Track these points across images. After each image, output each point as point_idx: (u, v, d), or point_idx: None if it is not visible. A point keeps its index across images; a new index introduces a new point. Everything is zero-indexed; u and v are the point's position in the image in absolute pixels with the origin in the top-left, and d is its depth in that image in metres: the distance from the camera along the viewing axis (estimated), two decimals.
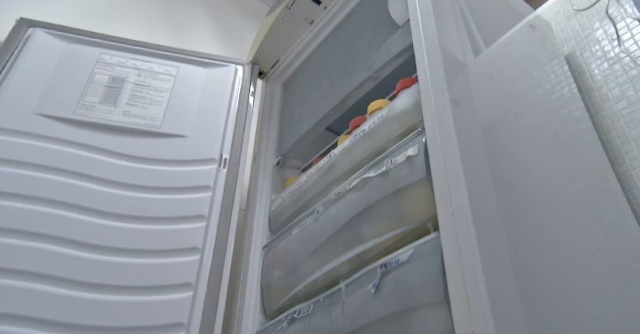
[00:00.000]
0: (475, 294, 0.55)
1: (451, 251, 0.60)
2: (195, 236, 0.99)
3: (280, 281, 0.94)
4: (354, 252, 0.77)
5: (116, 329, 0.85)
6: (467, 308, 0.54)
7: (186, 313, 0.89)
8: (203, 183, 1.07)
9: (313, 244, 0.88)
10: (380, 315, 0.66)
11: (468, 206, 0.62)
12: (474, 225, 0.60)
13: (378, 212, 0.77)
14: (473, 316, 0.53)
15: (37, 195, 0.92)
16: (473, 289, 0.55)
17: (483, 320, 0.53)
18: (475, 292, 0.55)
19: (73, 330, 0.82)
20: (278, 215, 1.08)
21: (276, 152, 1.24)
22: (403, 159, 0.76)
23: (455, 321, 0.55)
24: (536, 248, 0.73)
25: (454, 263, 0.59)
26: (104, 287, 0.88)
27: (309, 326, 0.79)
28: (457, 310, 0.55)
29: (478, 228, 0.60)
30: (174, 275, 0.93)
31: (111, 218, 0.96)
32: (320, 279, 0.83)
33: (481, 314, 0.53)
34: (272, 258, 1.01)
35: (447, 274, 0.59)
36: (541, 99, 0.86)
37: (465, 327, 0.53)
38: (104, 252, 0.92)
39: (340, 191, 0.87)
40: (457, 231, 0.60)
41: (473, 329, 0.53)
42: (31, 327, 0.80)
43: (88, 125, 1.06)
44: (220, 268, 0.98)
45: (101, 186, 0.99)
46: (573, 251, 0.70)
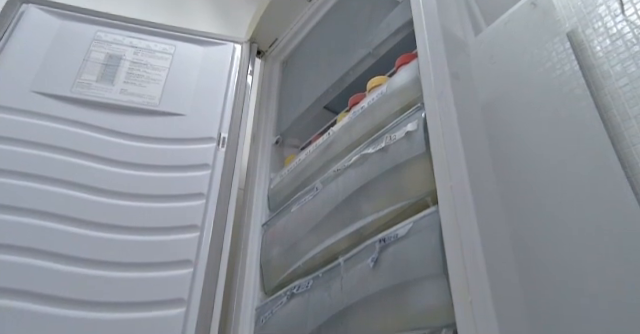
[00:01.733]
0: (473, 266, 0.55)
1: (450, 225, 0.60)
2: (194, 214, 1.00)
3: (279, 258, 0.95)
4: (353, 228, 0.78)
5: (116, 304, 0.85)
6: (465, 279, 0.55)
7: (186, 289, 0.90)
8: (202, 161, 1.07)
9: (312, 221, 0.88)
10: (379, 289, 0.67)
11: (467, 180, 0.62)
12: (473, 199, 0.60)
13: (377, 188, 0.77)
14: (471, 287, 0.54)
15: (34, 172, 0.92)
16: (471, 261, 0.56)
17: (481, 291, 0.53)
18: (473, 264, 0.55)
19: (74, 305, 0.82)
20: (277, 193, 1.08)
21: (275, 131, 1.23)
22: (402, 135, 0.76)
23: (453, 292, 0.55)
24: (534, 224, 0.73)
25: (453, 236, 0.59)
26: (104, 263, 0.89)
27: (308, 301, 0.80)
28: (455, 281, 0.56)
29: (477, 202, 0.61)
30: (174, 252, 0.94)
31: (110, 196, 0.96)
32: (319, 255, 0.84)
33: (479, 285, 0.54)
34: (271, 235, 1.01)
35: (446, 247, 0.59)
36: (542, 77, 0.85)
37: (463, 298, 0.54)
38: (103, 229, 0.92)
39: (339, 168, 0.87)
40: (456, 205, 0.61)
41: (471, 299, 0.53)
42: (30, 301, 0.80)
43: (85, 103, 1.05)
44: (220, 245, 0.98)
45: (99, 164, 0.99)
46: (571, 227, 0.70)
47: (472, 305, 0.53)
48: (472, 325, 0.52)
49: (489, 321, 0.52)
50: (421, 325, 0.60)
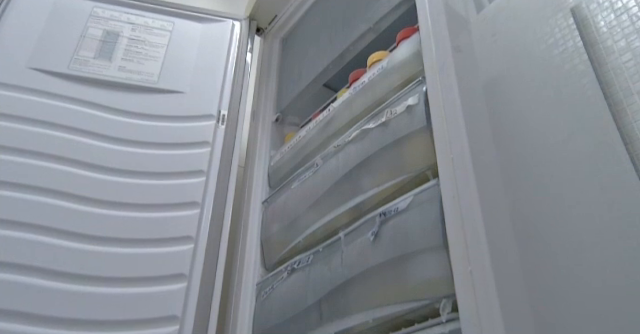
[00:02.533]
0: (473, 237, 0.55)
1: (450, 197, 0.60)
2: (195, 191, 1.00)
3: (280, 234, 0.95)
4: (353, 202, 0.78)
5: (118, 279, 0.86)
6: (465, 250, 0.55)
7: (187, 264, 0.90)
8: (201, 139, 1.07)
9: (312, 197, 0.88)
10: (379, 261, 0.67)
11: (468, 153, 0.61)
12: (474, 171, 0.60)
13: (377, 162, 0.77)
14: (471, 257, 0.54)
15: (32, 149, 0.91)
16: (471, 232, 0.56)
17: (480, 261, 0.53)
18: (473, 235, 0.55)
19: (75, 280, 0.83)
20: (277, 170, 1.08)
21: (275, 109, 1.22)
22: (403, 109, 0.75)
23: (453, 262, 0.55)
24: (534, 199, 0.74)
25: (453, 208, 0.59)
26: (105, 239, 0.89)
27: (309, 275, 0.80)
28: (455, 252, 0.56)
29: (478, 175, 0.60)
30: (174, 229, 0.94)
31: (109, 173, 0.96)
32: (319, 230, 0.84)
33: (479, 256, 0.54)
34: (272, 212, 1.01)
35: (446, 219, 0.59)
36: (544, 54, 0.84)
37: (463, 267, 0.54)
38: (104, 206, 0.92)
39: (339, 144, 0.87)
40: (456, 177, 0.60)
41: (471, 269, 0.53)
42: (32, 276, 0.80)
43: (83, 80, 1.04)
44: (220, 222, 0.99)
45: (98, 141, 0.99)
46: (570, 202, 0.70)
47: (472, 275, 0.53)
48: (471, 295, 0.52)
49: (488, 291, 0.52)
50: (421, 296, 0.60)
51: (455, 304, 0.56)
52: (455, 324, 0.54)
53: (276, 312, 0.84)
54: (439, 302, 0.58)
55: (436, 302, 0.58)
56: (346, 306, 0.70)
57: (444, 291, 0.58)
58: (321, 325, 0.73)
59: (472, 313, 0.51)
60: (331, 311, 0.72)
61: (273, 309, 0.85)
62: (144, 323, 0.83)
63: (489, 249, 0.54)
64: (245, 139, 1.21)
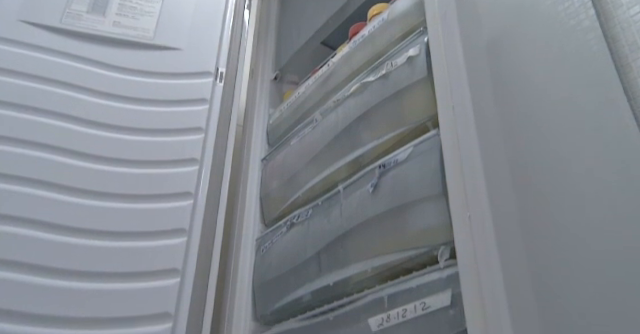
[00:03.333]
0: (472, 184, 0.55)
1: (450, 145, 0.60)
2: (193, 148, 0.99)
3: (279, 190, 0.95)
4: (352, 156, 0.77)
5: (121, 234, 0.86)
6: (464, 196, 0.55)
7: (187, 220, 0.90)
8: (199, 96, 1.05)
9: (311, 152, 0.88)
10: (378, 212, 0.67)
11: (469, 101, 0.61)
12: (474, 120, 0.59)
13: (377, 115, 0.76)
14: (470, 203, 0.54)
15: (24, 103, 0.90)
16: (471, 180, 0.56)
17: (479, 207, 0.53)
18: (472, 182, 0.55)
19: (75, 233, 0.83)
20: (276, 128, 1.07)
21: (273, 67, 1.21)
22: (404, 60, 0.74)
23: (452, 208, 0.56)
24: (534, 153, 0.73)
25: (453, 156, 0.59)
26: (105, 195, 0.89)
27: (308, 229, 0.81)
28: (454, 198, 0.56)
29: (478, 124, 0.60)
30: (174, 184, 0.94)
31: (104, 129, 0.95)
32: (318, 185, 0.84)
33: (478, 202, 0.54)
34: (271, 169, 1.01)
35: (446, 167, 0.59)
36: (549, 10, 0.82)
37: (461, 213, 0.54)
38: (100, 162, 0.91)
39: (339, 98, 0.86)
40: (457, 126, 0.60)
41: (469, 215, 0.53)
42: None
43: (76, 35, 1.02)
44: (219, 179, 0.98)
45: (93, 97, 0.97)
46: (571, 158, 0.70)
47: (470, 220, 0.53)
48: (469, 240, 0.53)
49: (486, 236, 0.52)
50: (419, 244, 0.61)
51: (453, 251, 0.56)
52: (453, 269, 0.55)
53: (275, 265, 0.85)
54: (437, 249, 0.58)
55: (434, 249, 0.59)
56: (345, 257, 0.71)
57: (442, 238, 0.58)
58: (320, 276, 0.74)
59: (470, 258, 0.52)
60: (330, 262, 0.73)
61: (272, 262, 0.86)
62: (146, 276, 0.84)
63: (488, 195, 0.54)
64: (244, 98, 1.20)
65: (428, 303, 0.56)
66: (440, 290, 0.55)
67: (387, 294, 0.62)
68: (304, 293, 0.76)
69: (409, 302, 0.58)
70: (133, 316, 0.80)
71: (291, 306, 0.79)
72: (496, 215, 0.53)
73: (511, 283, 0.50)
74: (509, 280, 0.50)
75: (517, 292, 0.50)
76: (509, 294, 0.49)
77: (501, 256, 0.51)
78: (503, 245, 0.52)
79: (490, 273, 0.50)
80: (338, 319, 0.68)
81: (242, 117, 1.18)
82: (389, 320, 0.60)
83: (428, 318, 0.55)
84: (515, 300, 0.49)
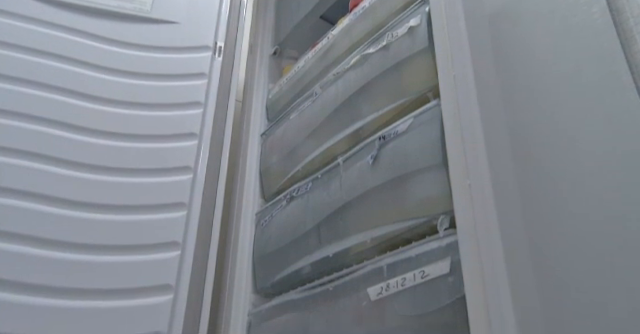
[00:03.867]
0: (473, 153, 0.55)
1: (451, 114, 0.59)
2: (192, 122, 0.98)
3: (279, 164, 0.95)
4: (352, 128, 0.77)
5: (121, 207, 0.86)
6: (464, 165, 0.55)
7: (187, 194, 0.91)
8: (198, 70, 1.04)
9: (311, 126, 0.87)
10: (377, 184, 0.67)
11: (471, 71, 0.60)
12: (475, 90, 0.59)
13: (377, 87, 0.75)
14: (470, 171, 0.54)
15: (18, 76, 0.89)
16: (471, 149, 0.55)
17: (479, 175, 0.53)
18: (473, 151, 0.55)
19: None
20: (276, 103, 1.06)
21: (272, 42, 1.19)
22: (405, 31, 0.73)
23: (452, 176, 0.56)
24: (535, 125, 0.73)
25: (453, 125, 0.58)
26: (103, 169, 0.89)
27: (307, 202, 0.81)
28: (454, 167, 0.56)
29: (479, 94, 0.59)
30: (173, 159, 0.94)
31: (102, 103, 0.94)
32: (318, 158, 0.84)
33: (478, 170, 0.54)
34: (270, 144, 1.01)
35: (446, 136, 0.58)
36: None
37: (462, 181, 0.54)
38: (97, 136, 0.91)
39: (338, 71, 0.85)
40: (458, 95, 0.59)
41: (469, 183, 0.53)
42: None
43: (72, 7, 1.00)
44: (219, 153, 0.98)
45: (90, 71, 0.96)
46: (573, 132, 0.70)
47: (470, 188, 0.53)
48: (469, 207, 0.53)
49: (486, 204, 0.52)
50: (419, 214, 0.61)
51: (453, 221, 0.56)
52: (452, 238, 0.55)
53: (275, 238, 0.86)
54: (437, 219, 0.58)
55: (434, 219, 0.59)
56: (345, 228, 0.71)
57: (442, 208, 0.58)
58: (320, 248, 0.75)
59: (469, 226, 0.52)
60: (330, 234, 0.73)
61: (272, 235, 0.87)
62: (147, 249, 0.84)
63: (489, 164, 0.54)
64: (243, 73, 1.19)
65: (427, 271, 0.56)
66: (439, 258, 0.56)
67: (386, 264, 0.62)
68: (304, 265, 0.77)
69: (408, 271, 0.59)
70: (134, 288, 0.81)
71: (291, 278, 0.80)
72: (496, 184, 0.53)
73: (510, 250, 0.50)
74: (508, 247, 0.50)
75: (515, 259, 0.50)
76: (508, 261, 0.49)
77: (500, 224, 0.51)
78: (502, 213, 0.52)
79: (489, 241, 0.50)
80: (337, 289, 0.69)
81: (241, 92, 1.17)
82: (388, 289, 0.60)
83: (427, 286, 0.56)
84: (513, 267, 0.50)
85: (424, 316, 0.55)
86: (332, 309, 0.68)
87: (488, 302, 0.48)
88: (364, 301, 0.63)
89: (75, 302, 0.77)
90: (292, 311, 0.76)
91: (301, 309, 0.74)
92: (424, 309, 0.55)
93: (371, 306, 0.62)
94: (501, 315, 0.47)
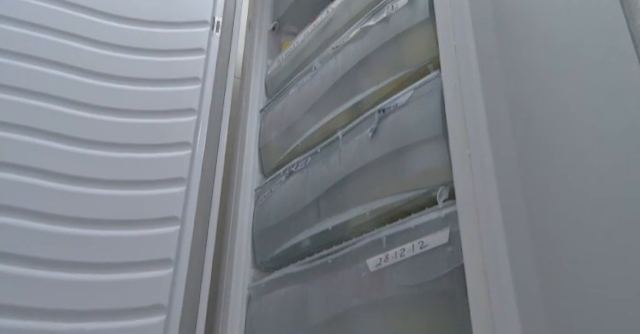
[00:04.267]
0: (473, 123, 0.55)
1: (452, 85, 0.59)
2: (190, 98, 0.98)
3: (278, 140, 0.94)
4: (352, 101, 0.76)
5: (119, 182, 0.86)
6: (465, 135, 0.54)
7: (186, 169, 0.91)
8: (195, 45, 1.03)
9: (310, 100, 0.87)
10: (377, 156, 0.67)
11: (472, 41, 0.59)
12: (477, 60, 0.58)
13: (377, 60, 0.74)
14: (470, 142, 0.54)
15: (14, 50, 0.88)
16: (472, 119, 0.55)
17: (479, 146, 0.53)
18: (473, 121, 0.55)
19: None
20: (275, 78, 1.05)
21: (271, 17, 1.17)
22: (405, 2, 0.71)
23: (452, 147, 0.55)
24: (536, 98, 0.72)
25: (454, 95, 0.58)
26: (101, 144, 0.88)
27: (307, 176, 0.81)
28: (454, 137, 0.55)
29: (481, 65, 0.58)
30: (171, 135, 0.94)
31: (100, 78, 0.94)
32: (317, 133, 0.83)
33: (478, 141, 0.53)
34: (269, 120, 1.00)
35: (446, 106, 0.58)
36: None
37: (462, 151, 0.54)
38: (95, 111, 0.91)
39: (338, 45, 0.84)
40: (459, 65, 0.59)
41: (469, 153, 0.53)
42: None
43: None
44: (217, 129, 0.98)
45: (87, 46, 0.96)
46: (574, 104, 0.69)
47: (470, 158, 0.53)
48: (469, 178, 0.53)
49: (486, 174, 0.52)
50: (418, 186, 0.61)
51: (452, 192, 0.56)
52: (451, 208, 0.55)
53: (275, 213, 0.86)
54: (436, 190, 0.58)
55: (433, 190, 0.59)
56: (344, 201, 0.71)
57: (442, 179, 0.58)
58: (319, 221, 0.75)
59: (469, 195, 0.52)
60: (329, 207, 0.74)
61: (272, 211, 0.87)
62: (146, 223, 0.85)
63: (489, 134, 0.53)
64: (241, 49, 1.17)
65: (426, 242, 0.56)
66: (438, 229, 0.56)
67: (385, 235, 0.62)
68: (303, 238, 0.77)
69: (407, 242, 0.59)
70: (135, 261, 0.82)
71: (290, 252, 0.80)
72: (496, 154, 0.53)
73: (509, 220, 0.50)
74: (507, 217, 0.50)
75: (515, 228, 0.50)
76: (507, 230, 0.49)
77: (500, 194, 0.51)
78: (502, 183, 0.52)
79: (489, 210, 0.50)
80: (337, 261, 0.69)
81: (240, 69, 1.16)
82: (387, 260, 0.60)
83: (426, 256, 0.56)
84: (512, 236, 0.50)
85: (423, 285, 0.55)
86: (331, 281, 0.68)
87: (487, 270, 0.48)
88: (363, 272, 0.63)
89: (76, 275, 0.77)
90: (291, 284, 0.76)
91: (300, 282, 0.74)
92: (423, 278, 0.55)
93: (370, 277, 0.62)
94: (500, 283, 0.47)
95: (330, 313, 0.66)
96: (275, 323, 0.76)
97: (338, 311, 0.65)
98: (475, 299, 0.48)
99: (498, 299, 0.47)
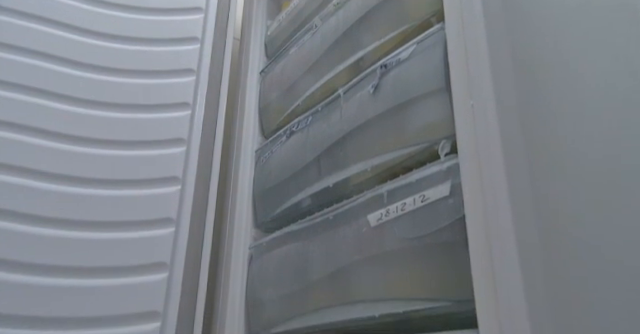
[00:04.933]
0: (477, 74, 0.54)
1: (455, 36, 0.57)
2: (188, 58, 0.96)
3: (278, 101, 0.93)
4: (354, 58, 0.75)
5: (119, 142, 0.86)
6: (468, 86, 0.53)
7: (185, 129, 0.90)
8: (193, 4, 1.01)
9: (311, 59, 0.85)
10: (379, 112, 0.66)
11: None
12: (482, 10, 0.57)
13: (379, 15, 0.73)
14: (473, 93, 0.53)
15: None
16: (475, 70, 0.54)
17: (483, 97, 0.52)
18: (477, 72, 0.54)
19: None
20: (274, 39, 1.03)
21: None
22: None
23: (455, 99, 0.54)
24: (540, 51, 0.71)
25: (458, 47, 0.56)
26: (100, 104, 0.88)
27: (307, 135, 0.80)
28: (457, 90, 0.55)
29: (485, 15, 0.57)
30: (170, 95, 0.92)
31: (95, 37, 0.92)
32: (318, 92, 0.82)
33: (482, 91, 0.52)
34: (269, 81, 0.99)
35: (450, 58, 0.57)
36: None
37: (465, 102, 0.53)
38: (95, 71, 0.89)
39: (339, 1, 0.82)
40: (463, 15, 0.57)
41: (472, 103, 0.52)
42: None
43: None
44: (217, 91, 0.97)
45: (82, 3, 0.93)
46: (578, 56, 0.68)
47: (473, 109, 0.52)
48: (472, 129, 0.52)
49: (489, 125, 0.51)
50: (420, 141, 0.60)
51: (454, 145, 0.56)
52: (453, 161, 0.55)
53: (275, 173, 0.85)
54: (438, 144, 0.58)
55: (435, 144, 0.58)
56: (345, 158, 0.71)
57: (444, 133, 0.57)
58: (320, 179, 0.75)
59: (471, 146, 0.51)
60: (330, 165, 0.73)
61: (272, 171, 0.87)
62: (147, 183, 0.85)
63: (493, 85, 0.53)
64: (241, 10, 1.15)
65: (427, 195, 0.56)
66: (440, 182, 0.56)
67: (386, 190, 0.62)
68: (304, 197, 0.77)
69: (408, 196, 0.59)
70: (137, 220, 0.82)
71: (291, 211, 0.81)
72: (499, 104, 0.52)
73: (511, 170, 0.50)
74: (509, 167, 0.50)
75: (516, 179, 0.50)
76: (509, 180, 0.49)
77: (503, 144, 0.50)
78: (505, 134, 0.51)
79: (490, 160, 0.50)
80: (337, 218, 0.69)
81: (239, 30, 1.13)
82: (388, 214, 0.60)
83: (427, 209, 0.56)
84: (514, 186, 0.49)
85: (423, 238, 0.55)
86: (332, 237, 0.68)
87: (488, 220, 0.48)
88: (364, 228, 0.63)
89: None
90: (292, 242, 0.77)
91: (301, 239, 0.75)
92: (423, 231, 0.55)
93: (371, 232, 0.62)
94: (501, 233, 0.47)
95: (330, 268, 0.67)
96: (276, 280, 0.77)
97: (338, 266, 0.66)
98: (475, 249, 0.49)
99: (499, 249, 0.47)
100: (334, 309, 0.65)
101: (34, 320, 0.69)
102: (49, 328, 0.70)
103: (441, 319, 0.55)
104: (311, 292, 0.70)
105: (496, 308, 0.46)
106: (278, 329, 0.74)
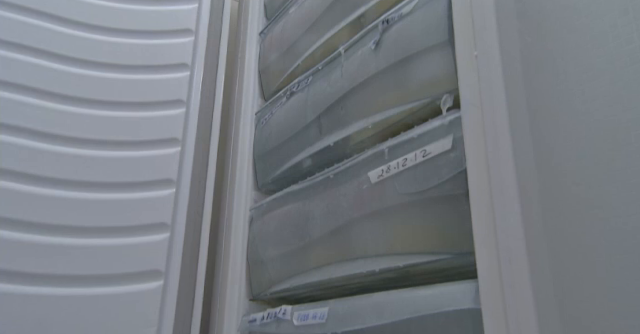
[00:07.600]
0: (481, 25, 0.52)
1: None
2: (186, 18, 0.95)
3: (278, 62, 0.92)
4: (355, 15, 0.73)
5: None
6: (472, 36, 0.52)
7: (184, 90, 0.89)
8: None
9: (311, 17, 0.83)
10: (380, 68, 0.65)
11: None
12: None
13: None
14: (477, 43, 0.51)
15: None
16: (480, 21, 0.52)
17: (487, 46, 0.51)
18: (481, 23, 0.52)
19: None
20: None
21: None
22: None
23: (458, 48, 0.53)
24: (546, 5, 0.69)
25: None
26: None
27: (308, 95, 0.79)
28: (461, 39, 0.53)
29: None
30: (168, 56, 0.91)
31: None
32: (319, 51, 0.81)
33: (486, 41, 0.51)
34: (269, 42, 0.97)
35: (453, 6, 0.55)
36: None
37: (468, 52, 0.52)
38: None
39: None
40: None
41: (476, 53, 0.51)
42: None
43: None
44: (216, 53, 0.96)
45: None
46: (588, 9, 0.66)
47: (477, 60, 0.51)
48: (475, 81, 0.51)
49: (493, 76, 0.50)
50: (422, 96, 0.59)
51: (456, 100, 0.55)
52: (455, 115, 0.54)
53: (276, 134, 0.85)
54: (440, 99, 0.57)
55: (437, 100, 0.57)
56: (346, 116, 0.70)
57: (446, 87, 0.56)
58: (320, 139, 0.74)
59: (474, 97, 0.50)
60: (331, 124, 0.72)
61: (273, 132, 0.86)
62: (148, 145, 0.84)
63: (497, 33, 0.51)
64: None
65: (429, 150, 0.56)
66: (441, 136, 0.55)
67: (387, 146, 0.61)
68: (305, 157, 0.76)
69: (410, 152, 0.58)
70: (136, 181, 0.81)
71: (292, 172, 0.80)
72: (504, 54, 0.51)
73: (514, 122, 0.49)
74: (512, 119, 0.49)
75: (519, 130, 0.49)
76: (512, 132, 0.48)
77: (506, 95, 0.49)
78: (508, 84, 0.50)
79: (493, 112, 0.49)
80: (338, 176, 0.69)
81: None
82: (389, 170, 0.60)
83: (428, 163, 0.55)
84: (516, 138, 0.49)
85: (424, 192, 0.55)
86: (333, 195, 0.68)
87: (490, 172, 0.48)
88: (365, 185, 0.63)
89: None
90: (293, 201, 0.77)
91: (302, 199, 0.75)
92: (425, 185, 0.55)
93: (371, 188, 0.62)
94: (502, 184, 0.47)
95: (331, 226, 0.67)
96: (277, 239, 0.77)
97: (339, 223, 0.66)
98: (477, 201, 0.48)
99: (500, 201, 0.47)
100: (335, 265, 0.65)
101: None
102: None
103: (441, 273, 0.56)
104: (312, 250, 0.70)
105: (497, 259, 0.46)
106: (279, 287, 0.75)
